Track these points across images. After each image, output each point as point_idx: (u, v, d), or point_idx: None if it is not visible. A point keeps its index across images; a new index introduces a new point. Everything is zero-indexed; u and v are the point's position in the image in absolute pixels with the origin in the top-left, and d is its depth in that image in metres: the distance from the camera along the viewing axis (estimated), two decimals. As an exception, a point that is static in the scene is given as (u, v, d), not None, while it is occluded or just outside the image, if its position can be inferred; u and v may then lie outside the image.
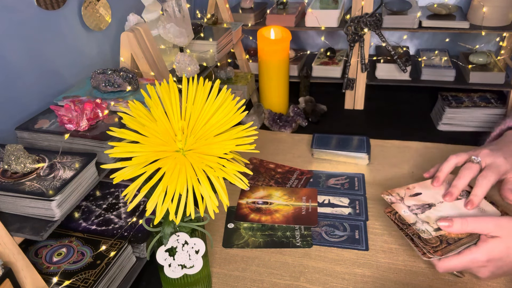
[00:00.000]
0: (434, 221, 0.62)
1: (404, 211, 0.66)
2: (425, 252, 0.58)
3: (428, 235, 0.60)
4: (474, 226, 0.58)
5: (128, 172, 0.45)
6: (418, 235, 0.61)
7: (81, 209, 0.73)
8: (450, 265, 0.57)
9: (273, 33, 1.06)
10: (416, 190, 0.70)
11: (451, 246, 0.58)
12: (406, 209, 0.66)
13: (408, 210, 0.66)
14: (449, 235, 0.60)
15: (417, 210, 0.65)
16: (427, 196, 0.68)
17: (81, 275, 0.58)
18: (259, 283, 0.64)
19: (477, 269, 0.58)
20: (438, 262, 0.58)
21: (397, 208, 0.67)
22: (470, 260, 0.56)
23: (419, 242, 0.60)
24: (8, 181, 0.54)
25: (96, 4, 0.84)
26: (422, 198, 0.68)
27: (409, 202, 0.67)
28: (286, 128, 1.06)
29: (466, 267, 0.58)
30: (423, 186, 0.71)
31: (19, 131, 0.65)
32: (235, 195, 0.82)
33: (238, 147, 0.49)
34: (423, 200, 0.67)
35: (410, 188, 0.71)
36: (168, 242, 0.54)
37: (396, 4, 1.10)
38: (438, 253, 0.58)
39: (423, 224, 0.62)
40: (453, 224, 0.59)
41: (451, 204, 0.66)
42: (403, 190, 0.71)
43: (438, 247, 0.58)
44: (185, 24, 0.90)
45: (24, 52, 0.70)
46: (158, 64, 0.86)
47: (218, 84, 0.52)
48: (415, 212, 0.65)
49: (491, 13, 1.04)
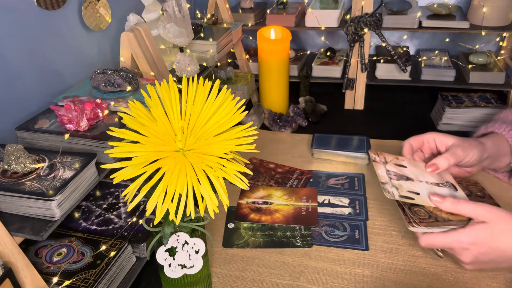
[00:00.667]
0: (404, 190, 0.64)
1: (381, 171, 0.67)
2: (411, 221, 0.59)
3: (391, 196, 0.62)
4: (463, 207, 0.58)
5: (128, 172, 0.45)
6: (410, 205, 0.62)
7: (81, 209, 0.73)
8: (434, 241, 0.58)
9: (273, 33, 1.06)
10: (403, 163, 0.71)
11: (438, 222, 0.59)
12: (384, 171, 0.67)
13: (385, 172, 0.67)
14: (440, 213, 0.60)
15: (393, 176, 0.67)
16: (410, 172, 0.69)
17: (81, 275, 0.58)
18: (259, 283, 0.64)
19: (460, 250, 0.58)
20: (422, 235, 0.59)
21: (376, 167, 0.68)
22: (455, 240, 0.57)
23: (408, 212, 0.61)
24: (8, 181, 0.54)
25: (96, 4, 0.84)
26: (404, 171, 0.69)
27: (391, 168, 0.69)
28: (286, 128, 1.06)
29: (449, 246, 0.58)
30: (413, 164, 0.72)
31: (19, 131, 0.65)
32: (235, 195, 0.82)
33: (238, 147, 0.49)
34: (404, 172, 0.69)
35: (399, 159, 0.72)
36: (168, 242, 0.54)
37: (396, 4, 1.10)
38: (423, 223, 0.58)
39: (392, 187, 0.64)
40: (444, 200, 0.59)
41: (428, 187, 0.66)
42: (392, 157, 0.72)
43: (425, 220, 0.59)
44: (185, 24, 0.90)
45: (24, 52, 0.70)
46: (158, 64, 0.86)
47: (218, 84, 0.52)
48: (390, 176, 0.66)
49: (491, 13, 1.04)
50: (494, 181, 0.82)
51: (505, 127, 0.75)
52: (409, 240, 0.70)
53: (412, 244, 0.69)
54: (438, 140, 0.72)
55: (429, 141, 0.73)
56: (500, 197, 0.76)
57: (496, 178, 0.82)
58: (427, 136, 0.73)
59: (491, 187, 0.79)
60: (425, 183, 0.66)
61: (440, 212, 0.61)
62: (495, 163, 0.76)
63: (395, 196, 0.62)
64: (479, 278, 0.62)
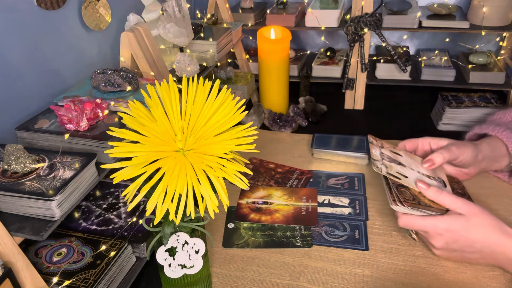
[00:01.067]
0: (393, 170, 0.66)
1: (375, 151, 0.70)
2: (396, 200, 0.62)
3: (379, 171, 0.65)
4: (445, 198, 0.62)
5: (128, 172, 0.45)
6: (397, 185, 0.65)
7: (81, 209, 0.73)
8: (411, 222, 0.63)
9: (273, 33, 1.06)
10: (400, 152, 0.74)
11: (420, 206, 0.62)
12: (378, 153, 0.70)
13: (378, 154, 0.70)
14: (423, 199, 0.64)
15: (386, 158, 0.69)
16: (404, 160, 0.71)
17: (81, 275, 0.58)
18: (259, 283, 0.64)
19: (434, 234, 0.62)
20: (402, 215, 0.63)
21: (371, 148, 0.71)
22: (431, 225, 0.61)
23: (394, 190, 0.64)
24: (8, 181, 0.54)
25: (96, 4, 0.84)
26: (398, 158, 0.71)
27: (385, 152, 0.71)
28: (286, 128, 1.06)
29: (425, 229, 0.62)
30: (409, 155, 0.74)
31: (19, 131, 0.65)
32: (235, 195, 0.82)
33: (238, 147, 0.49)
34: (398, 159, 0.71)
35: (396, 149, 0.74)
36: (168, 242, 0.54)
37: (396, 4, 1.10)
38: (407, 203, 0.62)
39: (382, 165, 0.67)
40: (429, 188, 0.63)
41: (418, 175, 0.68)
42: (389, 145, 0.75)
43: (409, 201, 0.63)
44: (185, 24, 0.90)
45: (24, 52, 0.70)
46: (158, 64, 0.86)
47: (218, 84, 0.52)
48: (383, 157, 0.69)
49: (491, 13, 1.04)
50: (495, 181, 0.82)
51: (498, 128, 0.77)
52: (409, 240, 0.70)
53: (412, 244, 0.69)
54: (433, 142, 0.75)
55: (423, 144, 0.76)
56: (499, 198, 0.76)
57: (496, 178, 0.82)
58: (422, 140, 0.76)
59: (492, 187, 0.79)
60: (417, 172, 0.69)
61: (424, 198, 0.64)
62: (494, 164, 0.78)
63: (382, 171, 0.65)
64: (479, 278, 0.62)
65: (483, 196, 0.78)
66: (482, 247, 0.59)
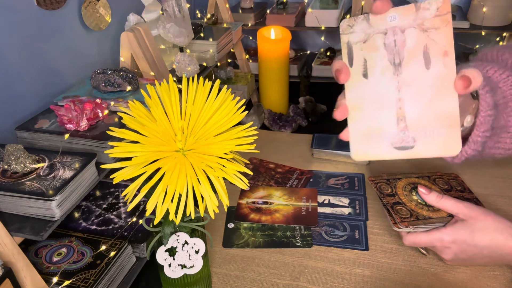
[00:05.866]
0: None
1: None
2: (396, 222, 0.62)
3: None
4: (446, 202, 0.61)
5: (128, 172, 0.45)
6: (392, 204, 0.64)
7: (81, 209, 0.73)
8: (417, 239, 0.62)
9: (273, 33, 1.06)
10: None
11: (419, 221, 0.62)
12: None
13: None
14: (420, 212, 0.63)
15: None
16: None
17: (81, 275, 0.58)
18: (259, 283, 0.64)
19: (442, 248, 0.61)
20: (407, 234, 0.62)
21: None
22: (436, 239, 0.60)
23: (392, 212, 0.63)
24: (8, 181, 0.54)
25: (96, 4, 0.84)
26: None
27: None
28: (286, 128, 1.06)
29: (432, 244, 0.61)
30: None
31: (19, 131, 0.65)
32: (235, 195, 0.82)
33: (238, 147, 0.49)
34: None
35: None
36: (168, 242, 0.54)
37: (396, 4, 1.10)
38: (405, 223, 0.61)
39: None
40: (430, 193, 0.62)
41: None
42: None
43: (407, 219, 0.62)
44: (185, 24, 0.90)
45: (24, 52, 0.70)
46: (158, 64, 0.86)
47: (218, 84, 0.52)
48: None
49: (491, 13, 1.04)
50: (495, 181, 0.82)
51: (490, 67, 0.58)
52: (409, 240, 0.70)
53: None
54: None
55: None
56: (500, 198, 0.76)
57: (497, 179, 0.82)
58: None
59: (492, 187, 0.79)
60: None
61: (421, 210, 0.64)
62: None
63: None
64: (479, 278, 0.62)
65: (484, 196, 0.77)
66: (490, 252, 0.58)
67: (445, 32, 0.43)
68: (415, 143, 0.45)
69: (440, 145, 0.44)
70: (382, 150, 0.46)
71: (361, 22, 0.45)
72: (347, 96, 0.48)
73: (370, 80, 0.46)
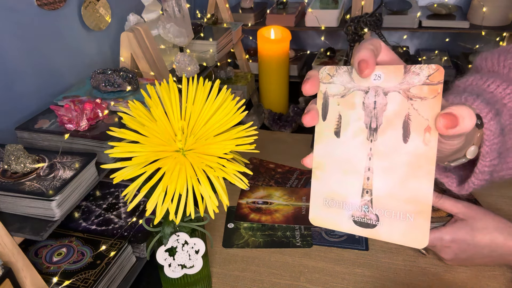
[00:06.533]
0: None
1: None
2: None
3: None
4: (445, 202, 0.61)
5: (128, 172, 0.45)
6: None
7: (81, 209, 0.73)
8: None
9: (273, 33, 1.06)
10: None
11: None
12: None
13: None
14: None
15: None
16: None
17: (81, 275, 0.58)
18: (259, 283, 0.64)
19: (442, 248, 0.61)
20: None
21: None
22: (436, 239, 0.60)
23: None
24: (8, 181, 0.54)
25: (96, 4, 0.84)
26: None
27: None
28: (286, 128, 1.06)
29: (431, 244, 0.61)
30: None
31: (19, 131, 0.65)
32: (235, 195, 0.82)
33: (238, 147, 0.49)
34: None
35: None
36: (168, 242, 0.54)
37: (396, 4, 1.10)
38: None
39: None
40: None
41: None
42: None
43: None
44: (185, 24, 0.90)
45: (24, 52, 0.70)
46: (158, 64, 0.86)
47: (218, 84, 0.52)
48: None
49: (491, 13, 1.04)
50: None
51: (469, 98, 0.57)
52: (409, 240, 0.70)
53: (412, 244, 0.69)
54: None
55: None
56: (500, 198, 0.76)
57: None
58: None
59: (493, 187, 0.79)
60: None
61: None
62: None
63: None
64: (479, 277, 0.62)
65: (484, 196, 0.77)
66: (490, 252, 0.58)
67: (431, 104, 0.37)
68: (377, 223, 0.40)
69: (405, 233, 0.38)
70: (341, 221, 0.42)
71: (343, 74, 0.41)
72: (315, 151, 0.45)
73: (342, 139, 0.42)
